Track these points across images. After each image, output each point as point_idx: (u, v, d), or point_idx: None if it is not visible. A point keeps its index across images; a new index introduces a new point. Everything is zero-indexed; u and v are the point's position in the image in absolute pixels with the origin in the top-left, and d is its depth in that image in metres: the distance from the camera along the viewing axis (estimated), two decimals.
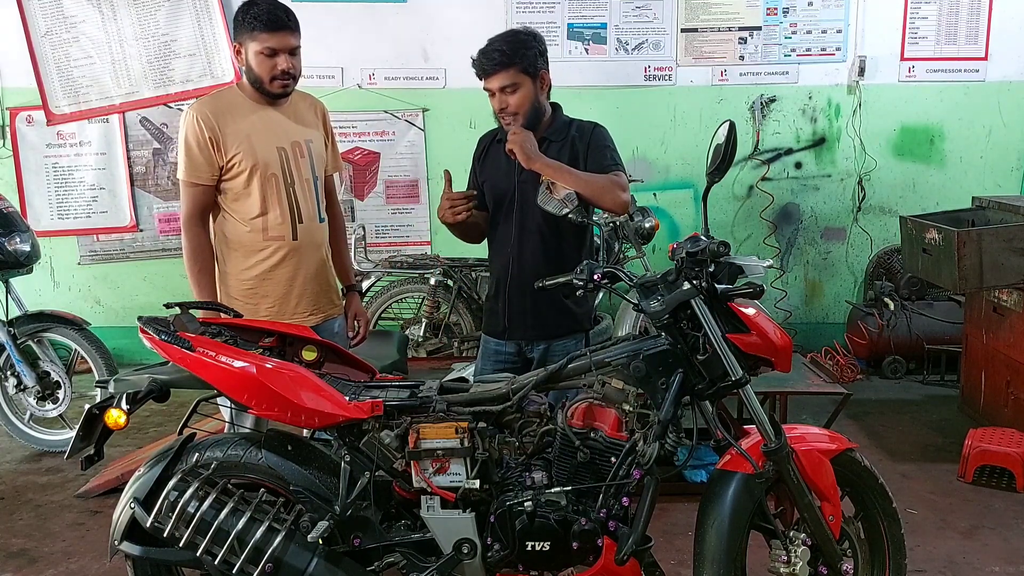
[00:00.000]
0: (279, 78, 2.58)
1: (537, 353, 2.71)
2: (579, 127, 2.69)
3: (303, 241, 2.69)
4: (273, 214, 2.64)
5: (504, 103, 2.58)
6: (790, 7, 5.34)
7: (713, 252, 2.03)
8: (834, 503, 2.16)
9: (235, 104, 2.64)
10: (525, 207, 2.64)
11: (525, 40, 2.60)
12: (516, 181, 2.67)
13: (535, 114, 2.62)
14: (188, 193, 2.63)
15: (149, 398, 2.06)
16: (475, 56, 2.59)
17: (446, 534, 2.08)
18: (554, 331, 2.70)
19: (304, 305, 2.72)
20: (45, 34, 5.24)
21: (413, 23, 5.31)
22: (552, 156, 2.60)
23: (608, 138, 2.69)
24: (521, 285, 2.65)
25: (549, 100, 2.71)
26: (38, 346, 4.08)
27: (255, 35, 2.54)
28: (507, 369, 2.66)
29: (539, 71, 2.61)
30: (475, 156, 2.84)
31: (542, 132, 2.66)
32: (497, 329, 2.78)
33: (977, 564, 3.01)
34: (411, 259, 4.97)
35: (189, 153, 2.58)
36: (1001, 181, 5.51)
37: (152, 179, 5.45)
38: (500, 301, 2.75)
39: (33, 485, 3.75)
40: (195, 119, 2.57)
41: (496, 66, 2.55)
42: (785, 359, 2.12)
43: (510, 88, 2.57)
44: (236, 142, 2.58)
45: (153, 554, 2.10)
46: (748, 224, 5.57)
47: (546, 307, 2.66)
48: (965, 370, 4.50)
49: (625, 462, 2.03)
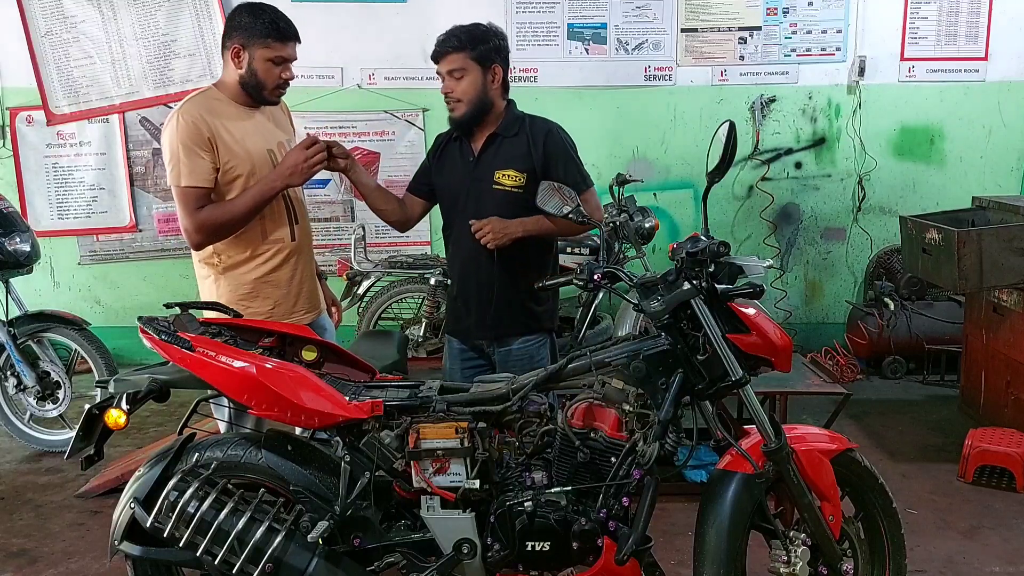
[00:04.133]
0: (281, 87, 2.62)
1: (499, 354, 2.72)
2: (532, 124, 2.70)
3: (301, 241, 2.72)
4: (271, 217, 2.63)
5: (450, 88, 2.62)
6: (790, 7, 5.34)
7: (713, 252, 2.03)
8: (834, 503, 2.16)
9: (221, 106, 2.59)
10: (480, 206, 2.66)
11: (484, 32, 2.64)
12: (470, 177, 2.69)
13: (480, 105, 2.64)
14: (190, 196, 2.48)
15: (149, 398, 2.06)
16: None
17: (446, 534, 2.08)
18: (512, 330, 2.71)
19: (302, 303, 2.74)
20: (45, 34, 5.24)
21: (413, 23, 5.30)
22: (505, 152, 2.66)
23: (568, 145, 2.71)
24: (478, 285, 2.67)
25: (505, 98, 2.71)
26: (38, 346, 4.08)
27: (267, 43, 2.54)
28: (474, 369, 2.68)
29: (492, 63, 2.63)
30: (429, 153, 2.87)
31: (493, 127, 2.68)
32: (458, 328, 2.79)
33: (977, 564, 3.00)
34: (411, 259, 4.97)
35: (189, 156, 2.46)
36: (1001, 181, 5.51)
37: (152, 179, 5.45)
38: (461, 301, 2.76)
39: (33, 485, 3.75)
40: (191, 122, 2.47)
41: (449, 48, 2.60)
42: (785, 359, 2.12)
43: (457, 72, 2.60)
44: (229, 144, 2.54)
45: (153, 554, 2.10)
46: (748, 224, 5.57)
47: (503, 307, 2.67)
48: (965, 370, 4.50)
49: (625, 462, 2.03)
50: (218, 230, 2.53)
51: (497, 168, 2.65)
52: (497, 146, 2.68)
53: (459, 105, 2.63)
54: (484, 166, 2.68)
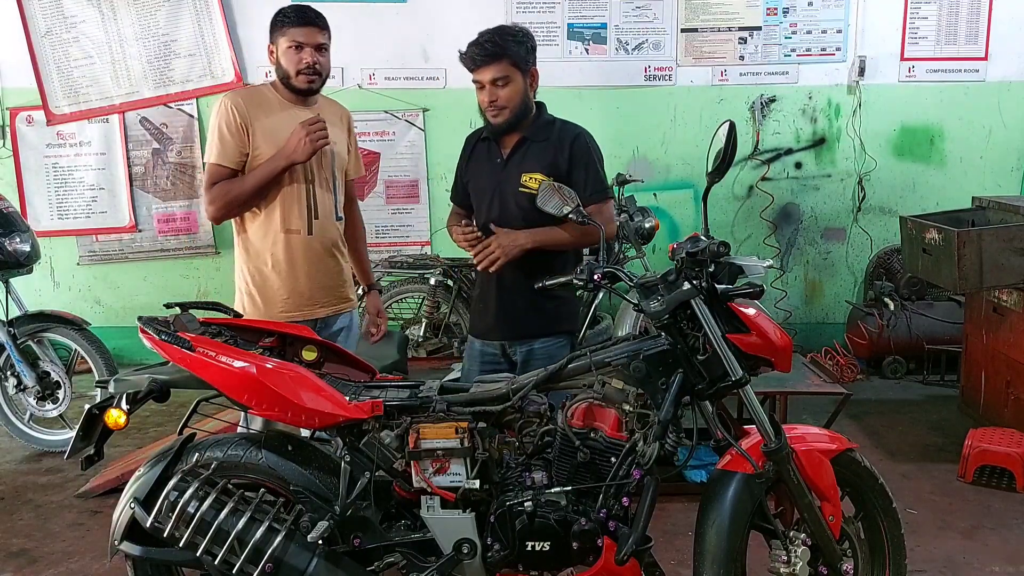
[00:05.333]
0: (304, 72, 2.68)
1: (520, 355, 2.72)
2: (562, 129, 2.69)
3: (317, 236, 2.77)
4: (291, 208, 2.72)
5: (494, 96, 2.59)
6: (790, 7, 5.34)
7: (713, 252, 2.02)
8: (834, 503, 2.16)
9: (267, 99, 2.75)
10: (506, 206, 2.66)
11: (516, 34, 2.61)
12: (498, 180, 2.68)
13: (523, 110, 2.63)
14: (211, 172, 2.71)
15: (149, 398, 2.06)
16: (464, 49, 2.60)
17: (446, 534, 2.08)
18: (536, 331, 2.70)
19: (316, 297, 2.80)
20: (45, 34, 5.24)
21: (413, 23, 5.31)
22: (533, 156, 2.64)
23: (595, 151, 2.70)
24: (504, 285, 2.66)
25: (535, 98, 2.71)
26: (38, 346, 4.08)
27: (285, 30, 2.68)
28: (493, 370, 2.67)
29: (529, 67, 2.62)
30: (462, 155, 2.86)
31: (524, 130, 2.66)
32: (481, 329, 2.79)
33: (977, 564, 3.00)
34: (411, 259, 4.98)
35: (221, 138, 2.67)
36: (1001, 181, 5.51)
37: (151, 179, 5.45)
38: (484, 301, 2.75)
39: (33, 485, 3.75)
40: (229, 106, 2.67)
41: (488, 57, 2.55)
42: (785, 359, 2.12)
43: (501, 81, 2.57)
44: (264, 134, 2.69)
45: (153, 554, 2.10)
46: (748, 224, 5.57)
47: (528, 308, 2.67)
48: (965, 370, 4.50)
49: (625, 462, 2.03)
50: (228, 204, 2.69)
51: (525, 171, 2.64)
52: (526, 149, 2.66)
53: (503, 112, 2.60)
54: (512, 169, 2.66)
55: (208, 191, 2.71)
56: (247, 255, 2.78)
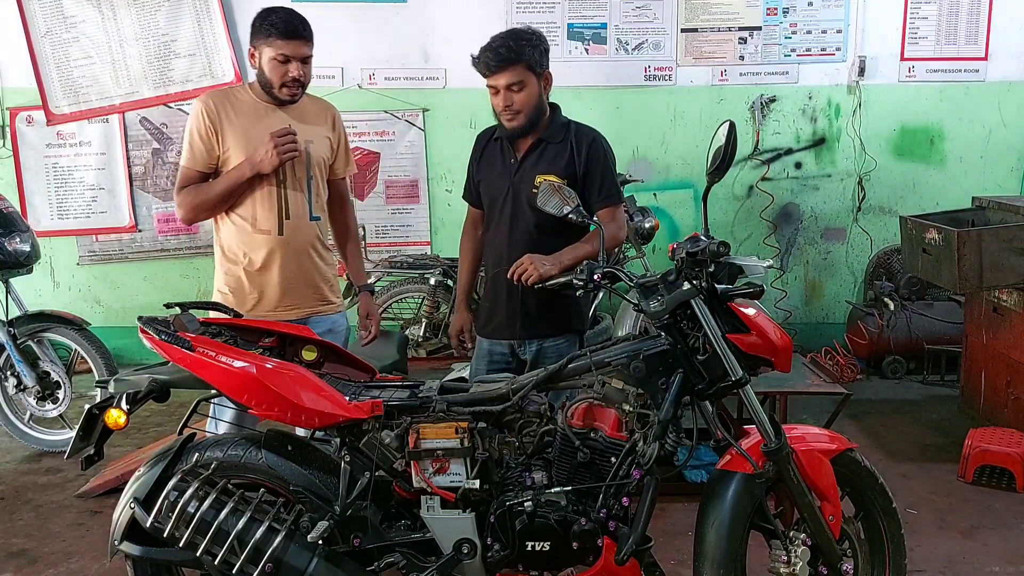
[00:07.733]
0: (288, 85, 2.67)
1: (530, 354, 2.72)
2: (577, 131, 2.69)
3: (289, 237, 2.74)
4: (262, 209, 2.70)
5: (509, 100, 2.58)
6: (790, 7, 5.34)
7: (713, 252, 2.02)
8: (834, 503, 2.16)
9: (241, 101, 2.72)
10: (518, 207, 2.65)
11: (529, 37, 2.60)
12: (511, 181, 2.67)
13: (537, 113, 2.62)
14: (182, 175, 2.73)
15: (149, 398, 2.06)
16: (477, 53, 2.59)
17: (446, 534, 2.08)
18: (545, 331, 2.70)
19: (288, 300, 2.76)
20: (45, 34, 5.24)
21: (413, 23, 5.31)
22: (548, 158, 2.63)
23: (609, 155, 2.70)
24: (510, 286, 2.65)
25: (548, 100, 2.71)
26: (38, 346, 4.08)
27: (271, 41, 2.63)
28: (502, 370, 2.67)
29: (544, 69, 2.62)
30: (473, 155, 2.84)
31: (539, 132, 2.66)
32: (490, 329, 2.79)
33: (977, 564, 3.00)
34: (411, 259, 4.97)
35: (191, 142, 2.68)
36: (1001, 181, 5.51)
37: (151, 179, 5.45)
38: (492, 301, 2.75)
39: (33, 485, 3.75)
40: (201, 110, 2.67)
41: (503, 62, 2.54)
42: (785, 359, 2.12)
43: (516, 86, 2.56)
44: (235, 137, 2.67)
45: (153, 554, 2.10)
46: (748, 224, 5.57)
47: (537, 307, 2.67)
48: (965, 370, 4.50)
49: (625, 462, 2.03)
50: (195, 208, 2.71)
51: (539, 173, 2.63)
52: (541, 151, 2.65)
53: (518, 116, 2.59)
54: (526, 171, 2.66)
55: (178, 194, 2.73)
56: (223, 255, 2.78)
